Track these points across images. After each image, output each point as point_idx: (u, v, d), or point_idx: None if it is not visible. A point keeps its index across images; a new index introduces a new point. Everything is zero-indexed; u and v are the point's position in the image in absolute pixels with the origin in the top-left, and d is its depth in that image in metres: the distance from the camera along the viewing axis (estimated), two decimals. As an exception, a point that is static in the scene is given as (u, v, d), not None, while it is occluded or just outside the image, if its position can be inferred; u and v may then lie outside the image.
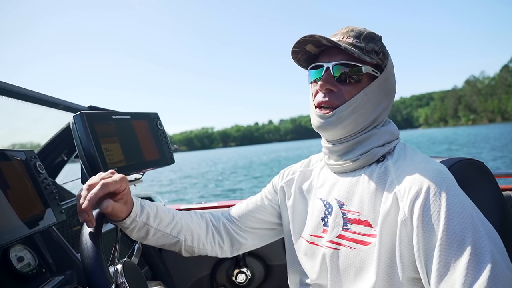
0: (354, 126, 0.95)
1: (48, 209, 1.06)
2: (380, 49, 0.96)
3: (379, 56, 0.96)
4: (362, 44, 0.94)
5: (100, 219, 0.90)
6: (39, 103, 1.41)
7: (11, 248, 1.06)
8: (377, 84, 0.95)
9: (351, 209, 0.94)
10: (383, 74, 0.97)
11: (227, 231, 1.19)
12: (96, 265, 0.78)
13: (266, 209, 1.20)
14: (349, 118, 0.94)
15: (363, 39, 0.95)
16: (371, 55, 0.94)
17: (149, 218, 1.00)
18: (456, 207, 0.77)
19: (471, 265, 0.71)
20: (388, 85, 0.98)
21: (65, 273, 1.14)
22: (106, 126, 1.10)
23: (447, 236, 0.75)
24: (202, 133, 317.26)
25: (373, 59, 0.94)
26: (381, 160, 0.96)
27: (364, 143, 0.97)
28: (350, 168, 0.98)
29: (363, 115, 0.95)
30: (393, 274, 0.84)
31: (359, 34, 0.95)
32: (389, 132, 0.99)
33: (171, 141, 1.36)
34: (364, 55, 0.92)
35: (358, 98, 0.94)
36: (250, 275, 1.83)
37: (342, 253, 0.92)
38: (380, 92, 0.96)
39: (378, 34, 0.99)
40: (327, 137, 1.01)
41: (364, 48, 0.94)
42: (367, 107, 0.95)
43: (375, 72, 0.96)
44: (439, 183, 0.81)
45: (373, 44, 0.95)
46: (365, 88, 0.94)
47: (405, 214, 0.82)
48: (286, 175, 1.21)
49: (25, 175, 1.04)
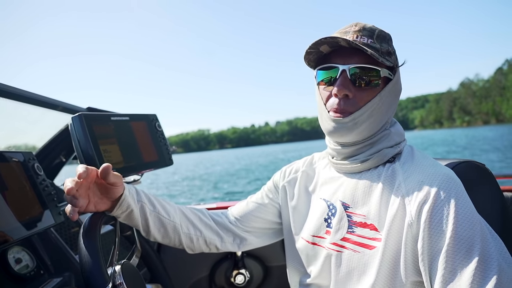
0: (369, 130, 0.93)
1: (46, 210, 1.06)
2: (393, 49, 0.94)
3: (392, 57, 0.92)
4: (377, 45, 0.89)
5: (98, 220, 0.89)
6: (37, 104, 1.40)
7: (9, 250, 1.05)
8: (391, 87, 0.93)
9: (357, 212, 0.92)
10: (396, 76, 0.94)
11: (228, 227, 1.16)
12: (93, 265, 0.77)
13: (267, 208, 1.18)
14: (365, 123, 0.91)
15: (376, 38, 0.90)
16: (386, 57, 0.89)
17: (140, 195, 0.99)
18: (465, 213, 0.76)
19: (478, 272, 0.70)
20: (398, 86, 0.96)
21: (63, 275, 1.13)
22: (105, 128, 1.09)
23: (455, 241, 0.74)
24: (198, 135, 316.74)
25: (389, 61, 0.89)
26: (390, 161, 0.94)
27: (375, 144, 0.95)
28: (357, 169, 0.96)
29: (377, 119, 0.92)
30: (396, 277, 0.83)
31: (371, 33, 0.90)
32: (398, 133, 0.97)
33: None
34: (381, 57, 0.87)
35: (374, 103, 0.91)
36: (249, 277, 1.82)
37: (346, 256, 0.91)
38: (393, 94, 0.94)
39: (387, 32, 0.95)
40: (339, 140, 0.97)
41: (380, 50, 0.89)
42: (381, 110, 0.92)
43: (390, 75, 0.93)
44: (448, 188, 0.80)
45: (386, 44, 0.92)
46: (381, 92, 0.91)
47: (412, 217, 0.81)
48: (288, 173, 1.18)
49: (23, 177, 1.03)
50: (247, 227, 1.18)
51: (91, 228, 0.85)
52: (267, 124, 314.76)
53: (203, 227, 1.12)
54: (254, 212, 1.18)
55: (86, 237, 0.83)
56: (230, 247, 1.17)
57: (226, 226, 1.17)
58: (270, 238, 1.22)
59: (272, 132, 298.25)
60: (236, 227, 1.18)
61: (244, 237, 1.17)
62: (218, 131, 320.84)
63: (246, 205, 1.20)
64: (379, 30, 0.93)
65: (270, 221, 1.19)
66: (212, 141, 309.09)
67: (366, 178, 0.94)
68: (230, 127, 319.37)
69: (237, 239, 1.17)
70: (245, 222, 1.18)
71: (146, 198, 1.01)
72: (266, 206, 1.18)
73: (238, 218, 1.18)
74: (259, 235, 1.20)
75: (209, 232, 1.13)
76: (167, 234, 1.05)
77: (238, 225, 1.18)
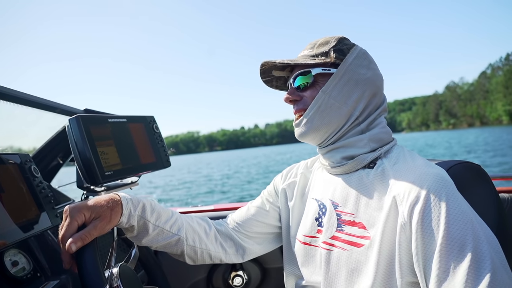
0: (327, 125, 0.95)
1: (43, 213, 1.03)
2: (332, 48, 0.96)
3: (330, 54, 0.95)
4: (313, 52, 0.98)
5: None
6: (34, 106, 1.37)
7: (6, 252, 1.03)
8: (335, 80, 0.94)
9: (346, 211, 0.92)
10: (341, 68, 0.94)
11: (230, 236, 1.14)
12: (90, 266, 0.76)
13: (268, 212, 1.16)
14: (316, 119, 0.94)
15: (316, 46, 0.99)
16: (319, 57, 0.96)
17: (145, 210, 0.94)
18: (456, 213, 0.75)
19: (471, 271, 0.69)
20: (353, 76, 0.95)
21: (60, 278, 1.10)
22: (102, 129, 1.07)
23: (447, 241, 0.73)
24: (188, 137, 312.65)
25: (319, 59, 0.95)
26: (371, 166, 0.93)
27: (347, 148, 0.95)
28: (338, 171, 0.98)
29: (331, 113, 0.94)
30: (391, 278, 0.82)
31: (314, 44, 1.00)
32: (377, 139, 0.95)
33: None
34: (311, 59, 0.95)
35: (319, 98, 0.94)
36: (247, 278, 1.79)
37: (335, 254, 0.90)
38: (344, 85, 0.94)
39: (336, 36, 1.00)
40: (306, 142, 1.01)
41: (315, 54, 0.97)
42: (331, 103, 0.93)
43: (327, 70, 0.95)
44: (439, 188, 0.78)
45: (325, 47, 0.97)
46: (323, 87, 0.94)
47: (405, 218, 0.80)
48: (288, 176, 1.18)
49: (20, 179, 1.01)
50: (249, 233, 1.16)
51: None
52: (257, 127, 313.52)
53: (209, 241, 1.09)
54: (255, 216, 1.16)
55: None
56: (234, 259, 1.15)
57: (229, 234, 1.14)
58: (271, 244, 1.21)
59: (261, 134, 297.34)
60: (238, 233, 1.15)
61: (246, 246, 1.15)
62: (208, 133, 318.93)
63: (247, 210, 1.18)
64: (325, 39, 1.00)
65: (271, 225, 1.17)
66: (202, 144, 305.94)
67: (356, 178, 0.94)
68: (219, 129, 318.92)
69: (240, 250, 1.15)
70: (246, 228, 1.15)
71: (151, 212, 0.96)
72: (267, 210, 1.17)
73: (240, 223, 1.16)
74: (260, 241, 1.18)
75: (214, 246, 1.10)
76: (169, 246, 1.02)
77: (240, 230, 1.15)
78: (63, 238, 0.78)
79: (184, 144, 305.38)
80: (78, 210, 0.80)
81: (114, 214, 0.86)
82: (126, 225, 0.91)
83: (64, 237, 0.78)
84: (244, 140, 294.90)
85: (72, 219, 0.79)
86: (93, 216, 0.82)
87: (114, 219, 0.86)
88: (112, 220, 0.85)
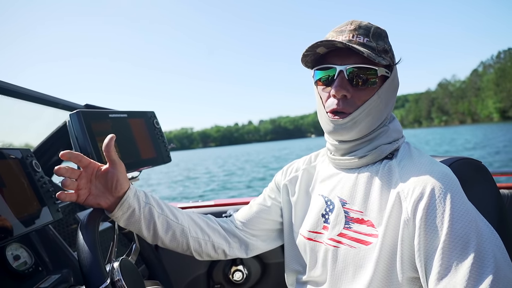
0: (368, 127, 0.91)
1: (45, 207, 1.02)
2: (389, 46, 0.92)
3: (389, 54, 0.90)
4: (373, 43, 0.87)
5: (97, 216, 0.86)
6: (35, 101, 1.36)
7: (7, 247, 1.02)
8: (388, 85, 0.91)
9: (354, 208, 0.90)
10: (393, 73, 0.92)
11: (234, 233, 1.13)
12: (92, 261, 0.75)
13: (270, 208, 1.15)
14: (364, 122, 0.89)
15: (372, 36, 0.88)
16: (383, 55, 0.87)
17: (148, 198, 0.95)
18: (461, 210, 0.74)
19: (474, 269, 0.68)
20: (395, 83, 0.94)
21: (62, 272, 1.09)
22: (103, 125, 1.06)
23: (450, 238, 0.72)
24: (181, 134, 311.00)
25: (385, 59, 0.87)
26: (389, 157, 0.92)
27: (373, 140, 0.93)
28: (356, 164, 0.94)
29: (376, 116, 0.90)
30: (392, 273, 0.81)
31: (367, 31, 0.88)
32: (397, 130, 0.95)
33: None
34: (378, 56, 0.85)
35: (372, 102, 0.89)
36: (247, 273, 1.78)
37: (342, 251, 0.89)
38: (391, 91, 0.92)
39: (383, 29, 0.93)
40: (338, 139, 0.95)
41: (376, 48, 0.86)
42: (380, 108, 0.90)
43: (387, 73, 0.90)
44: (444, 185, 0.77)
45: (382, 41, 0.90)
46: (379, 91, 0.89)
47: (408, 214, 0.79)
48: (289, 172, 1.15)
49: (21, 174, 0.99)
50: (254, 230, 1.14)
51: (89, 225, 0.82)
52: (251, 123, 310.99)
53: (211, 232, 1.08)
54: (259, 213, 1.14)
55: (85, 234, 0.80)
56: (238, 253, 1.13)
57: (233, 231, 1.13)
58: (275, 241, 1.19)
59: (255, 130, 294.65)
60: (243, 231, 1.14)
61: (250, 242, 1.14)
62: (202, 130, 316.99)
63: (250, 208, 1.17)
64: (374, 27, 0.90)
65: (274, 221, 1.16)
66: (196, 140, 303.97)
67: (364, 175, 0.92)
68: (213, 126, 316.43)
69: (244, 245, 1.14)
70: (251, 225, 1.14)
71: (155, 201, 0.97)
72: (269, 207, 1.15)
73: (244, 221, 1.15)
74: (264, 238, 1.16)
75: (217, 237, 1.09)
76: (175, 238, 1.00)
77: (245, 229, 1.14)
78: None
79: (178, 140, 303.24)
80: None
81: (125, 179, 0.89)
82: (132, 199, 0.90)
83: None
84: (238, 137, 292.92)
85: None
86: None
87: (125, 183, 0.89)
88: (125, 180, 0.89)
